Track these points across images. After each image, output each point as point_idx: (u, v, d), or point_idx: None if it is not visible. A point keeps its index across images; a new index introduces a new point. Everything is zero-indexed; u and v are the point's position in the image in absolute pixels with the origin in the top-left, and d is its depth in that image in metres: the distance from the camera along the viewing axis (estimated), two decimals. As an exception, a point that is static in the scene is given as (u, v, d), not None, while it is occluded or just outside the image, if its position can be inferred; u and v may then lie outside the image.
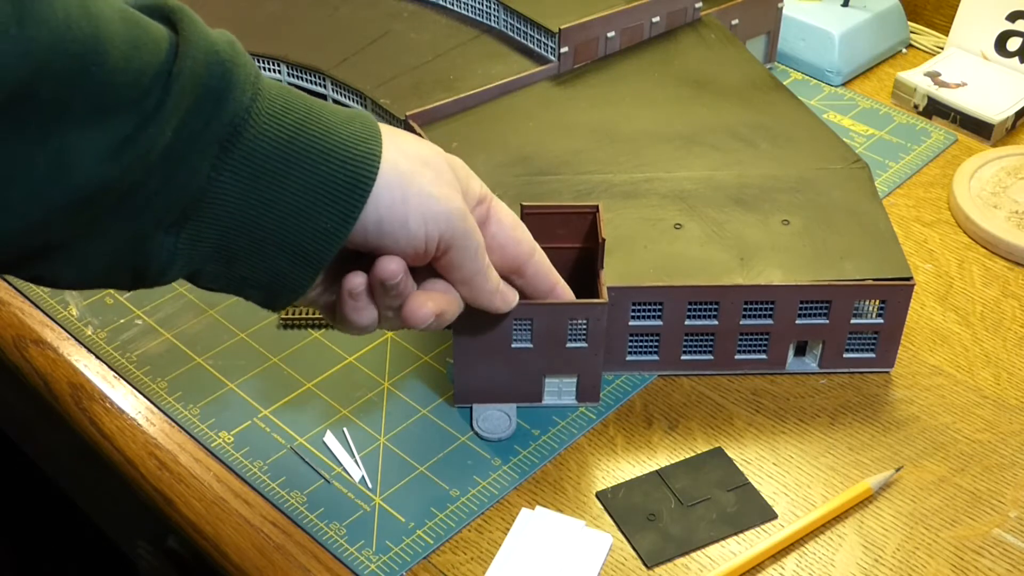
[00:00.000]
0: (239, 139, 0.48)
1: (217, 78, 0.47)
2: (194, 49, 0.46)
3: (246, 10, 0.92)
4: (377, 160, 0.51)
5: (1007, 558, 0.60)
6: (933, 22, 1.06)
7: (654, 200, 0.73)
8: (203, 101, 0.47)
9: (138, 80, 0.45)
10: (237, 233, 0.49)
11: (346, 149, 0.51)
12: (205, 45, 0.47)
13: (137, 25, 0.45)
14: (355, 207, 0.51)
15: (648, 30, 0.89)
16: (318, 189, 0.50)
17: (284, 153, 0.49)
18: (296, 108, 0.50)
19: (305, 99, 0.51)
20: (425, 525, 0.61)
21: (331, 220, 0.50)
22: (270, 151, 0.49)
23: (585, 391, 0.67)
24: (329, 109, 0.52)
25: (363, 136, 0.51)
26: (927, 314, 0.75)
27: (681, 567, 0.60)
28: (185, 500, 0.64)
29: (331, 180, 0.50)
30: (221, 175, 0.48)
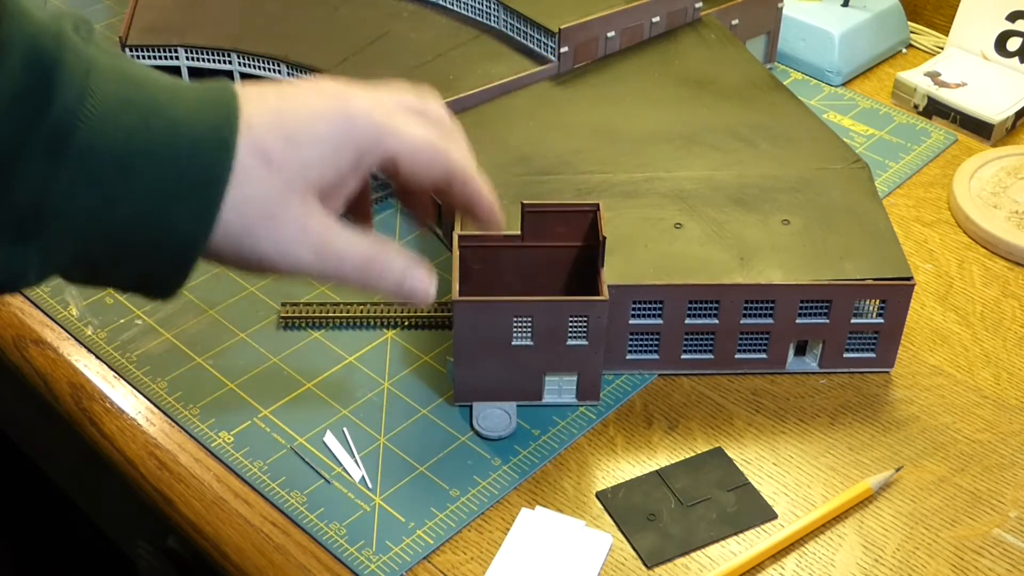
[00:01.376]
0: (68, 144, 0.44)
1: (36, 77, 0.43)
2: (12, 45, 0.43)
3: (246, 10, 0.92)
4: (231, 150, 0.46)
5: (1007, 558, 0.60)
6: (933, 22, 1.06)
7: (654, 200, 0.73)
8: (19, 104, 0.43)
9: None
10: (91, 241, 0.46)
11: (194, 143, 0.46)
12: (23, 41, 0.43)
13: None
14: (211, 204, 0.46)
15: (648, 30, 0.89)
16: (166, 189, 0.45)
17: (122, 155, 0.45)
18: (136, 102, 0.45)
19: (150, 88, 0.46)
20: (425, 525, 0.61)
21: (187, 220, 0.46)
22: (106, 154, 0.44)
23: (585, 390, 0.67)
24: (180, 96, 0.47)
25: (215, 124, 0.47)
26: (927, 314, 0.75)
27: (681, 567, 0.60)
28: (185, 500, 0.64)
29: (179, 178, 0.46)
30: (57, 183, 0.44)
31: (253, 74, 0.88)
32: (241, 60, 0.87)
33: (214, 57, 0.88)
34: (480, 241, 0.68)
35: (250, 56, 0.87)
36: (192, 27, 0.90)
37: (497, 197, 0.57)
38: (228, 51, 0.87)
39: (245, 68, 0.88)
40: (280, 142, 0.48)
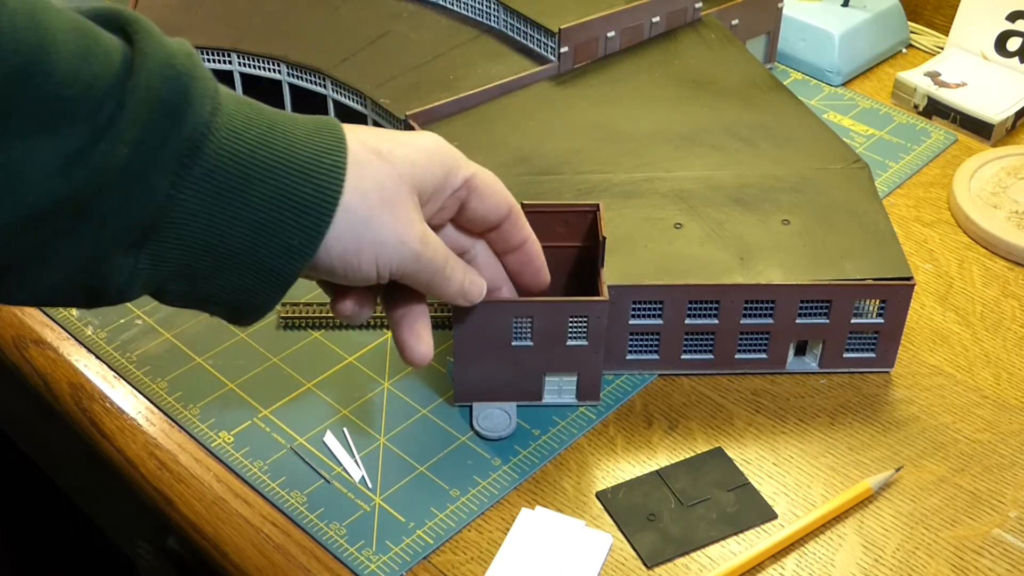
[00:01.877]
0: (199, 155, 0.46)
1: (174, 92, 0.45)
2: (150, 62, 0.45)
3: (246, 10, 0.92)
4: (342, 172, 0.50)
5: (1007, 558, 0.60)
6: (933, 22, 1.06)
7: (654, 200, 0.73)
8: (160, 116, 0.45)
9: (88, 92, 0.43)
10: (201, 251, 0.48)
11: (311, 162, 0.49)
12: (161, 58, 0.45)
13: (88, 36, 0.44)
14: (323, 221, 0.49)
15: (648, 30, 0.89)
16: (283, 204, 0.48)
17: (247, 168, 0.47)
18: (258, 122, 0.48)
19: (267, 112, 0.50)
20: (425, 525, 0.61)
21: (298, 236, 0.49)
22: (232, 166, 0.47)
23: (585, 390, 0.67)
24: (293, 121, 0.50)
25: (328, 147, 0.50)
26: (927, 314, 0.75)
27: (681, 567, 0.60)
28: (185, 500, 0.64)
29: (296, 194, 0.48)
30: (181, 193, 0.46)
31: (253, 74, 0.88)
32: (241, 60, 0.87)
33: (214, 57, 0.88)
34: (480, 241, 0.68)
35: (250, 56, 0.87)
36: (192, 27, 0.90)
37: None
38: (228, 51, 0.87)
39: (245, 68, 0.88)
40: (386, 143, 0.53)
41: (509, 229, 0.60)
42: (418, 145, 0.54)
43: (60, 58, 0.42)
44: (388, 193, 0.52)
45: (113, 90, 0.44)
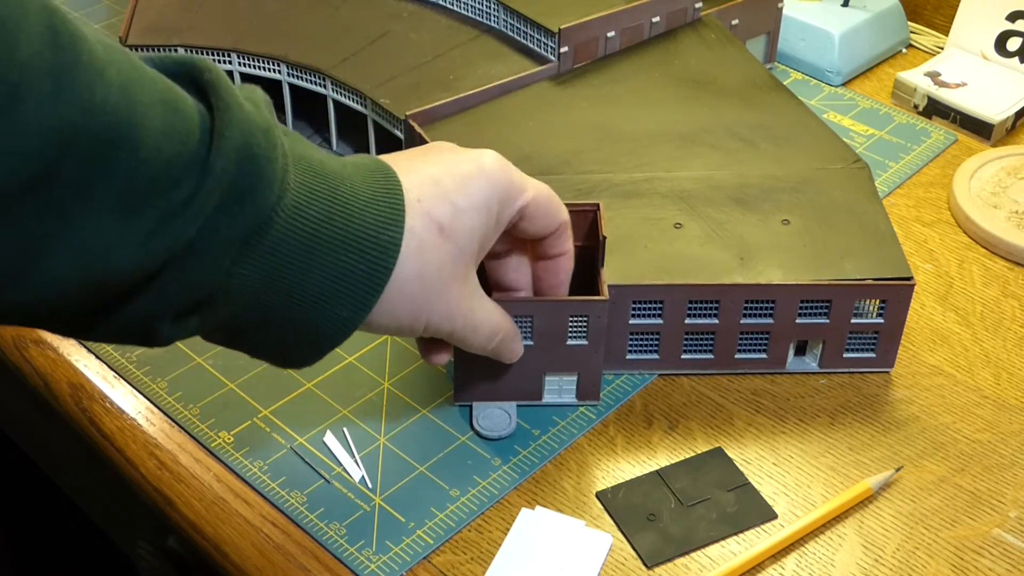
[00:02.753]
0: (263, 236, 0.47)
1: (248, 175, 0.45)
2: (229, 143, 0.44)
3: (246, 10, 0.92)
4: (397, 248, 0.51)
5: (1007, 558, 0.60)
6: (933, 22, 1.06)
7: (654, 200, 0.73)
8: (231, 200, 0.45)
9: (167, 171, 0.43)
10: (250, 315, 0.49)
11: (368, 238, 0.50)
12: (240, 137, 0.45)
13: (174, 109, 0.44)
14: (373, 295, 0.50)
15: (648, 30, 0.89)
16: (338, 279, 0.49)
17: (307, 246, 0.48)
18: (320, 194, 0.49)
19: (330, 175, 0.50)
20: (425, 525, 0.61)
21: (348, 309, 0.50)
22: (293, 245, 0.48)
23: (585, 389, 0.67)
24: (353, 186, 0.50)
25: (386, 221, 0.51)
26: (927, 314, 0.75)
27: (681, 567, 0.60)
28: (185, 500, 0.64)
29: (352, 270, 0.49)
30: (243, 269, 0.47)
31: (253, 74, 0.88)
32: (241, 60, 0.87)
33: (214, 57, 0.88)
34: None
35: (250, 56, 0.87)
36: (192, 27, 0.90)
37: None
38: (228, 51, 0.87)
39: (245, 68, 0.88)
40: (448, 211, 0.53)
41: (552, 242, 0.61)
42: (477, 201, 0.54)
43: (147, 134, 0.42)
44: (446, 275, 0.53)
45: (191, 169, 0.43)
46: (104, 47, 0.42)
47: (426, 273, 0.52)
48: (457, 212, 0.53)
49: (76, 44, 0.40)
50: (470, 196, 0.54)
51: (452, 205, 0.53)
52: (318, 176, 0.49)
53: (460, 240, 0.53)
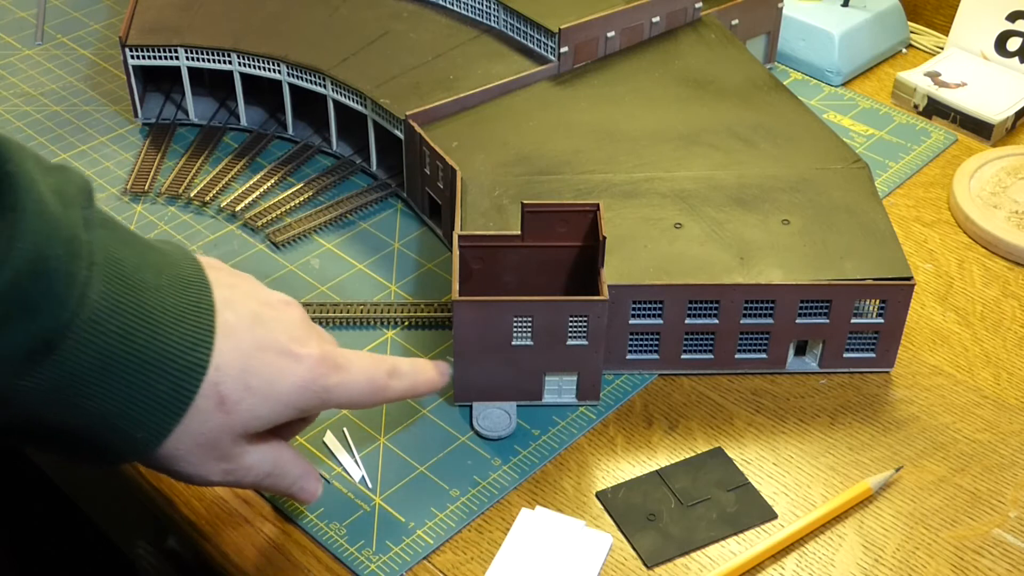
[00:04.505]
0: (52, 352, 0.43)
1: (40, 291, 0.41)
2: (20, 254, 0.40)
3: (246, 10, 0.92)
4: (202, 372, 0.48)
5: (1007, 558, 0.60)
6: (933, 22, 1.06)
7: (654, 199, 0.73)
8: (18, 314, 0.41)
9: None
10: (35, 425, 0.45)
11: (172, 358, 0.47)
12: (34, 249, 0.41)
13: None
14: (172, 419, 0.48)
15: (648, 30, 0.89)
16: (134, 400, 0.46)
17: (102, 364, 0.45)
18: (125, 308, 0.45)
19: (137, 290, 0.46)
20: (425, 525, 0.61)
21: (144, 431, 0.47)
22: (86, 362, 0.44)
23: (585, 389, 0.67)
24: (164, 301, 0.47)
25: (192, 340, 0.47)
26: (927, 314, 0.75)
27: (681, 567, 0.60)
28: (185, 500, 0.64)
29: (150, 391, 0.46)
30: (23, 380, 0.43)
31: (253, 74, 0.88)
32: (241, 60, 0.87)
33: (214, 57, 0.88)
34: (480, 241, 0.68)
35: (250, 56, 0.87)
36: (192, 27, 0.90)
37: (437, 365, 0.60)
38: (228, 51, 0.87)
39: (245, 68, 0.88)
40: (239, 391, 0.50)
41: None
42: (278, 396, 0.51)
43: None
44: (208, 442, 0.50)
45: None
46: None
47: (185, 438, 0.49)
48: (248, 394, 0.50)
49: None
50: (273, 391, 0.51)
51: (246, 388, 0.50)
52: (127, 286, 0.46)
53: (236, 417, 0.50)
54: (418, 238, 0.81)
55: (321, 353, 0.52)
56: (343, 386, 0.54)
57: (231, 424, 0.50)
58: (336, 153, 0.89)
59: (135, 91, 0.90)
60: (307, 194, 0.84)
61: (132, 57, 0.88)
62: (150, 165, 0.87)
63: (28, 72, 1.00)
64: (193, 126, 0.92)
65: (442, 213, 0.79)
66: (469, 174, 0.75)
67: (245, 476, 0.53)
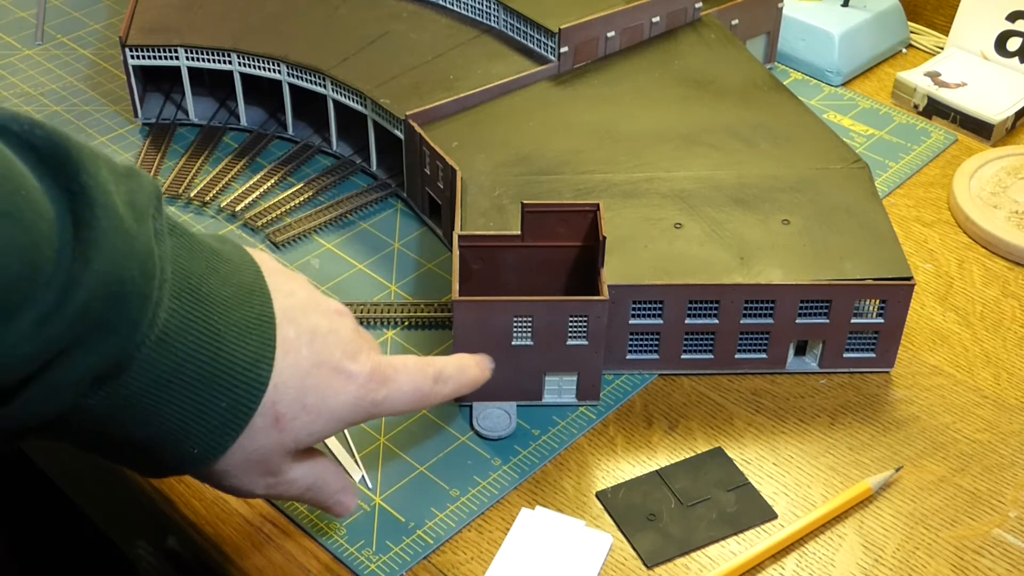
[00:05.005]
0: (119, 375, 0.42)
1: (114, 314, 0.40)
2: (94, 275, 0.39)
3: (246, 10, 0.92)
4: (262, 390, 0.47)
5: (1007, 558, 0.60)
6: (933, 22, 1.06)
7: (654, 199, 0.73)
8: (88, 336, 0.40)
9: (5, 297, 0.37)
10: (93, 437, 0.45)
11: (234, 375, 0.46)
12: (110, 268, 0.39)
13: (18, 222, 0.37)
14: (230, 437, 0.47)
15: (648, 30, 0.89)
16: (194, 417, 0.46)
17: (166, 382, 0.44)
18: (192, 325, 0.44)
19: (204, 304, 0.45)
20: (425, 525, 0.61)
21: (201, 447, 0.47)
22: (150, 382, 0.44)
23: (585, 389, 0.67)
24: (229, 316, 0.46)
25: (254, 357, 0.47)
26: (927, 314, 0.75)
27: (681, 567, 0.60)
28: (185, 500, 0.64)
29: (210, 409, 0.46)
30: (88, 400, 0.42)
31: (253, 74, 0.88)
32: (241, 60, 0.87)
33: (214, 57, 0.88)
34: (480, 241, 0.68)
35: (250, 56, 0.87)
36: (192, 27, 0.90)
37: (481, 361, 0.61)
38: (228, 51, 0.87)
39: (245, 68, 0.88)
40: (295, 409, 0.49)
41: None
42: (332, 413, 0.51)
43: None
44: (260, 460, 0.50)
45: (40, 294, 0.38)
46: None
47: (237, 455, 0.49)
48: (303, 413, 0.50)
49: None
50: (328, 408, 0.51)
51: (302, 408, 0.49)
52: (194, 301, 0.45)
53: (290, 435, 0.50)
54: (418, 238, 0.81)
55: (372, 368, 0.52)
56: (391, 399, 0.53)
57: (284, 441, 0.50)
58: (336, 153, 0.89)
59: (135, 91, 0.90)
60: (307, 194, 0.84)
61: (132, 57, 0.88)
62: (150, 165, 0.87)
63: (28, 72, 1.00)
64: (193, 126, 0.92)
65: (442, 213, 0.79)
66: (469, 174, 0.75)
67: (288, 490, 0.53)
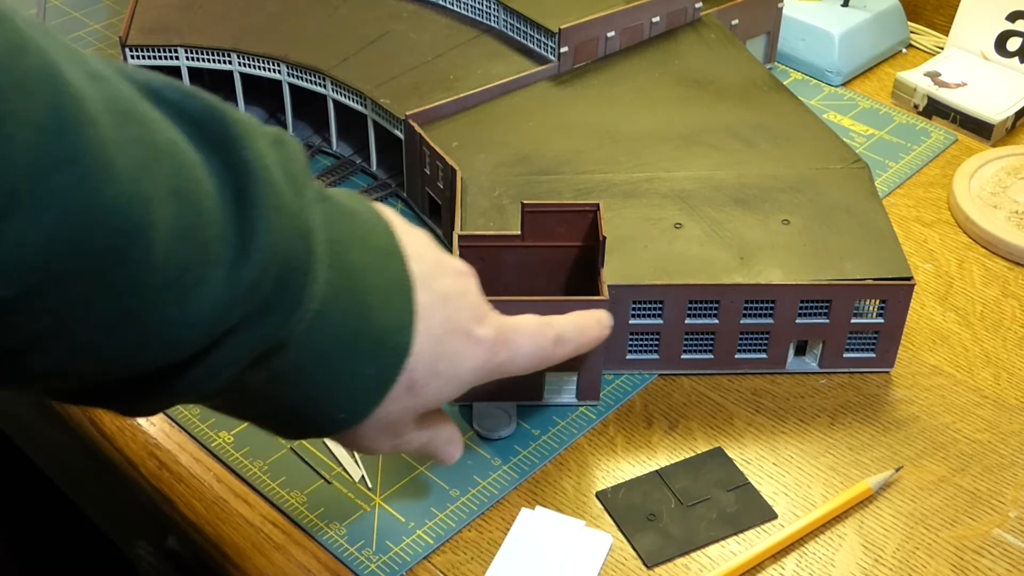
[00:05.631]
0: (281, 350, 0.43)
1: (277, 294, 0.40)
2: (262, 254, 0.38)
3: (246, 10, 0.92)
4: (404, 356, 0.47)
5: (1007, 558, 0.60)
6: (933, 22, 1.06)
7: (654, 199, 0.73)
8: (252, 319, 0.40)
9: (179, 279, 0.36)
10: (242, 407, 0.47)
11: (379, 343, 0.46)
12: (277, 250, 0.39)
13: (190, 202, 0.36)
14: (373, 404, 0.48)
15: (648, 30, 0.89)
16: (342, 385, 0.46)
17: (320, 353, 0.44)
18: (343, 294, 0.44)
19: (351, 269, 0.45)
20: (425, 525, 0.61)
21: (346, 412, 0.47)
22: (305, 354, 0.44)
23: (585, 389, 0.67)
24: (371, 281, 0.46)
25: (396, 324, 0.47)
26: (927, 314, 0.75)
27: (681, 567, 0.60)
28: (185, 500, 0.64)
29: (358, 376, 0.46)
30: (245, 376, 0.43)
31: (253, 74, 0.88)
32: (241, 60, 0.87)
33: (214, 57, 0.88)
34: (480, 241, 0.68)
35: (250, 56, 0.87)
36: (192, 27, 0.90)
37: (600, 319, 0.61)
38: (228, 51, 0.87)
39: (245, 68, 0.88)
40: (428, 375, 0.49)
41: None
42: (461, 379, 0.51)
43: (158, 237, 0.35)
44: (393, 424, 0.50)
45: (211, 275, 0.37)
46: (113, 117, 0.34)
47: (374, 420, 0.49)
48: (435, 379, 0.50)
49: (83, 128, 0.33)
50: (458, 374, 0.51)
51: (434, 375, 0.49)
52: (343, 270, 0.44)
53: (422, 400, 0.50)
54: (418, 238, 0.81)
55: (496, 331, 0.52)
56: (512, 361, 0.54)
57: (415, 406, 0.50)
58: (336, 153, 0.89)
59: (135, 91, 0.90)
60: (307, 194, 0.84)
61: (132, 57, 0.88)
62: (150, 165, 0.87)
63: (28, 72, 0.99)
64: (193, 126, 0.92)
65: (442, 213, 0.79)
66: (469, 174, 0.75)
67: (407, 446, 0.54)
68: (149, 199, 0.34)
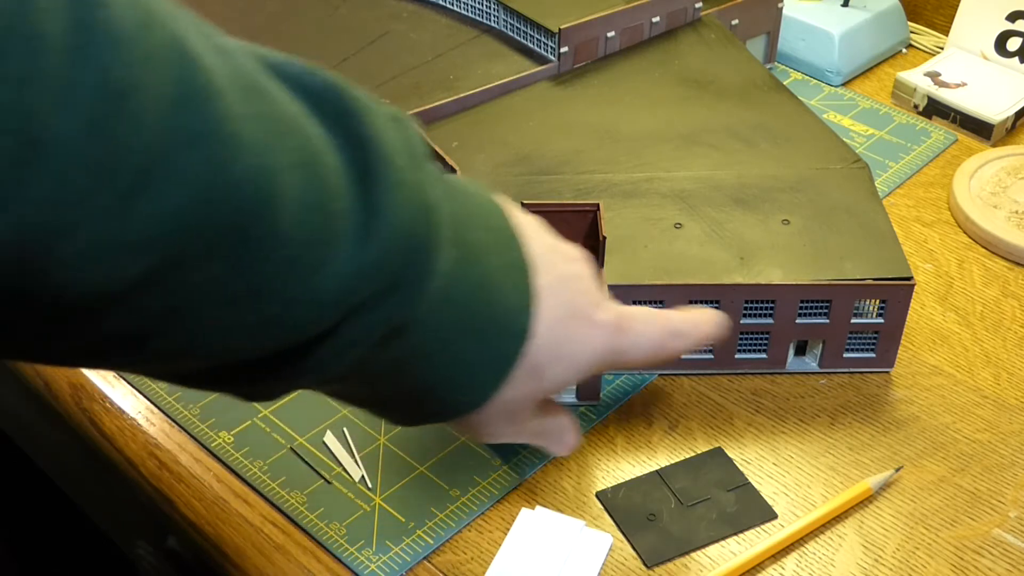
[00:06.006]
0: (404, 331, 0.42)
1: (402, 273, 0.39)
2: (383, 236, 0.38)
3: (246, 10, 0.92)
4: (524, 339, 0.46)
5: (1007, 558, 0.60)
6: (933, 22, 1.06)
7: (654, 199, 0.73)
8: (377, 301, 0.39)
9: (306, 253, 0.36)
10: (361, 392, 0.46)
11: (501, 326, 0.45)
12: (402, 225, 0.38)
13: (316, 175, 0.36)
14: (494, 387, 0.47)
15: (648, 30, 0.89)
16: (464, 369, 0.45)
17: (443, 335, 0.43)
18: (464, 275, 0.43)
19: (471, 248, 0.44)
20: (425, 525, 0.61)
21: (468, 396, 0.47)
22: (428, 336, 0.43)
23: (585, 389, 0.67)
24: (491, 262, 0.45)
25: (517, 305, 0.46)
26: (927, 314, 0.75)
27: (681, 567, 0.60)
28: (185, 500, 0.64)
29: (479, 360, 0.45)
30: (366, 360, 0.42)
31: (253, 74, 0.88)
32: (241, 60, 0.87)
33: (214, 57, 0.88)
34: (480, 241, 0.67)
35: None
36: (192, 27, 0.90)
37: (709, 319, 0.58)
38: (228, 51, 0.87)
39: (245, 68, 0.88)
40: (549, 359, 0.48)
41: None
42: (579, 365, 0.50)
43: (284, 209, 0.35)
44: (515, 410, 0.50)
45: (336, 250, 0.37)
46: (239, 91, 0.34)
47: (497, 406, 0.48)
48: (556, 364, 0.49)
49: (211, 102, 0.32)
50: (576, 359, 0.50)
51: (555, 359, 0.48)
52: (465, 249, 0.43)
53: (544, 385, 0.49)
54: (418, 238, 0.81)
55: (615, 317, 0.51)
56: (630, 351, 0.52)
57: (535, 392, 0.49)
58: (336, 153, 0.89)
59: (135, 91, 0.90)
60: (307, 194, 0.84)
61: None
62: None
63: (28, 72, 0.99)
64: (193, 126, 0.92)
65: (442, 213, 0.79)
66: (469, 174, 0.75)
67: (522, 434, 0.53)
68: (276, 171, 0.34)
